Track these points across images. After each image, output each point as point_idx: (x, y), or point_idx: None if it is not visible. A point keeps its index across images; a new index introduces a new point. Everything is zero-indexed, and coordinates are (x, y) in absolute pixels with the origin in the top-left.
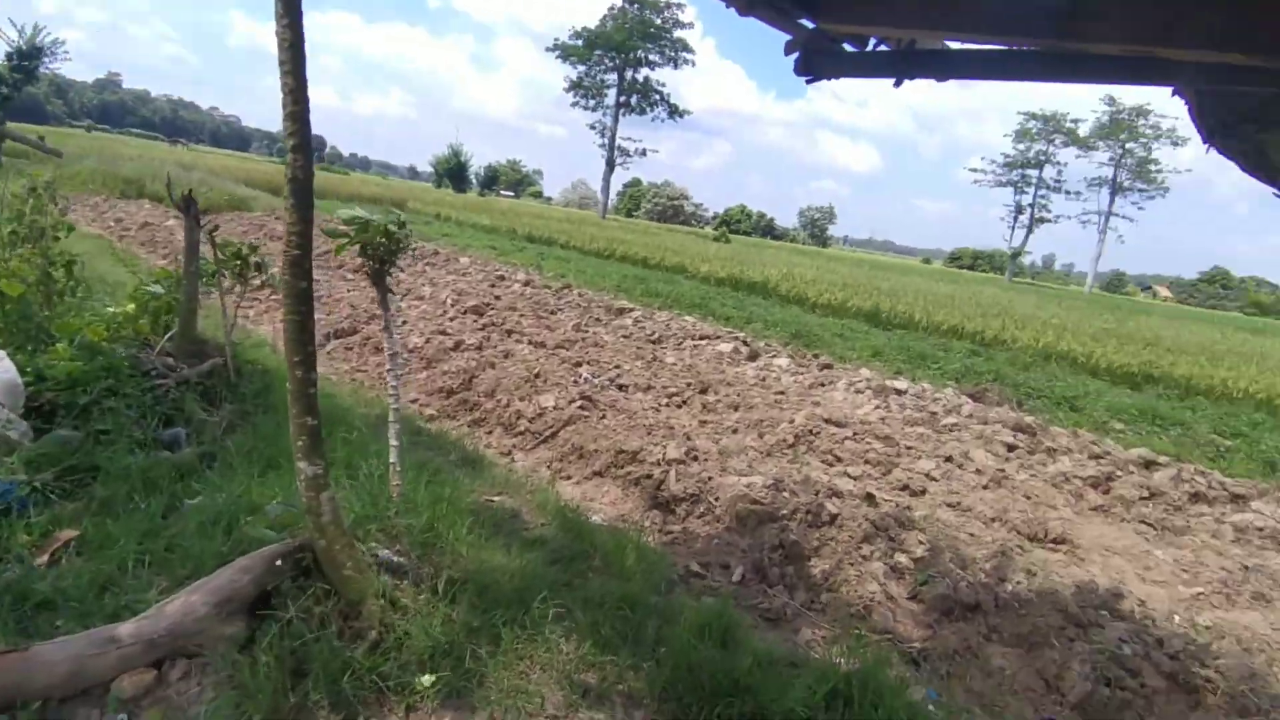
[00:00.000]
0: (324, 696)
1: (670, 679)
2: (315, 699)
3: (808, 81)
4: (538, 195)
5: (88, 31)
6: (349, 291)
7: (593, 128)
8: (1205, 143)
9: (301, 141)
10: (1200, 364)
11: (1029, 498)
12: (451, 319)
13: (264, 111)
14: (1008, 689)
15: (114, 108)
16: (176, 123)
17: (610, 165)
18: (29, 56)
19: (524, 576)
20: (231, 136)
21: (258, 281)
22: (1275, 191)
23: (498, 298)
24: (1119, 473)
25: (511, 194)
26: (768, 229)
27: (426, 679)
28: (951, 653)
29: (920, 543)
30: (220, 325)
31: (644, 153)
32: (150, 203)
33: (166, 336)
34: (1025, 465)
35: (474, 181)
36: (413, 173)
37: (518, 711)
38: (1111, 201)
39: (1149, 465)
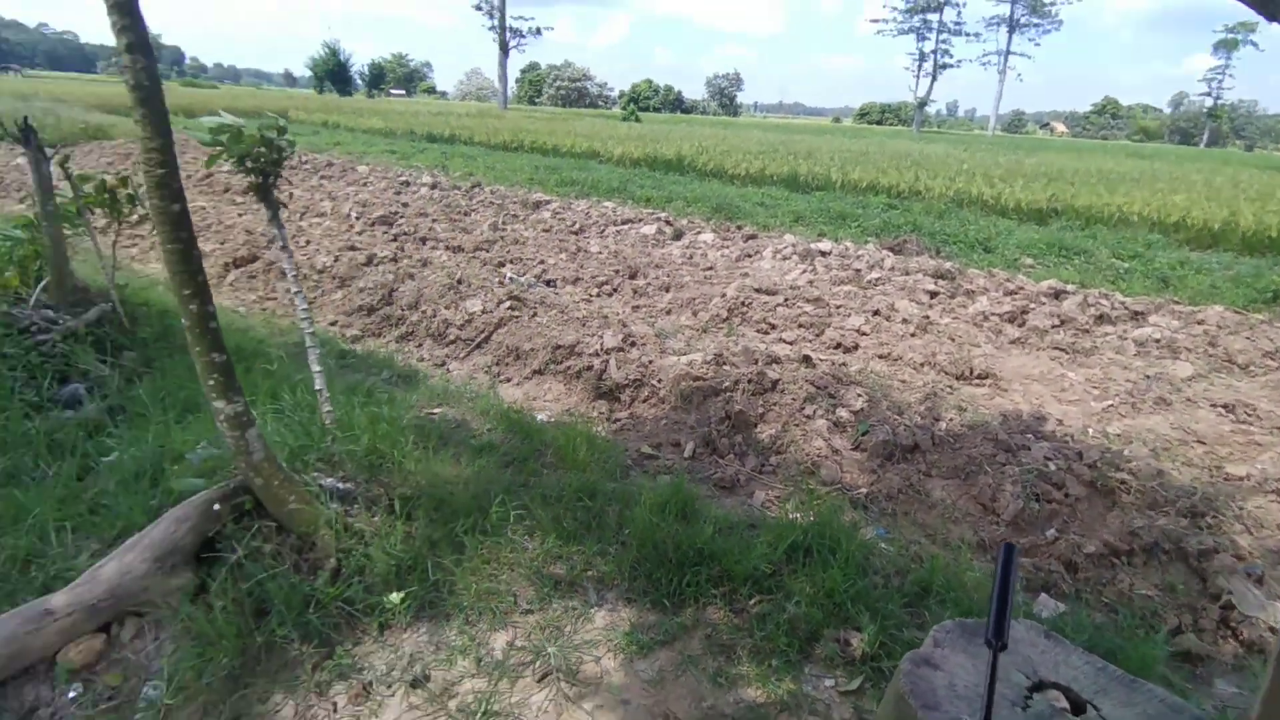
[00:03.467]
0: (291, 630)
1: (637, 558)
2: (283, 634)
3: None
4: (431, 90)
5: None
6: (240, 216)
7: (479, 8)
8: None
9: (137, 39)
10: (1098, 193)
11: (953, 339)
12: (359, 233)
13: (104, 25)
14: (949, 517)
15: None
16: (1, 46)
17: (504, 49)
18: None
19: (478, 483)
20: (71, 57)
21: (135, 216)
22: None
23: (405, 205)
24: (1032, 305)
25: (402, 92)
26: (676, 103)
27: (395, 596)
28: (896, 492)
29: (858, 396)
30: (99, 269)
31: (538, 31)
32: None
33: (39, 287)
34: (947, 309)
35: (359, 82)
36: (289, 79)
37: (492, 612)
38: (1010, 40)
39: (1058, 295)
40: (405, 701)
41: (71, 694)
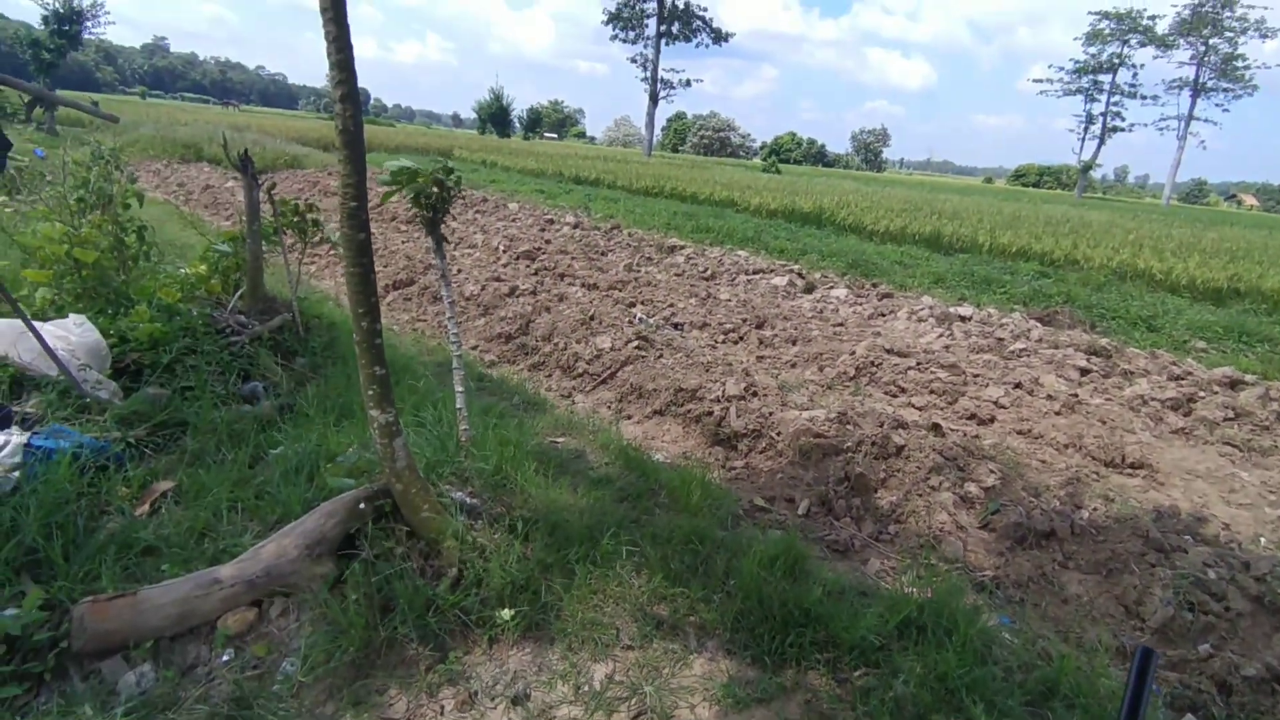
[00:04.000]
0: (411, 630)
1: (741, 610)
2: (403, 632)
3: None
4: (581, 135)
5: None
6: (403, 243)
7: (634, 60)
8: None
9: (349, 91)
10: None
11: (1104, 422)
12: (504, 265)
13: (308, 68)
14: (1085, 615)
15: (164, 72)
16: (225, 84)
17: (653, 99)
18: (69, 20)
19: (593, 514)
20: (279, 94)
21: (317, 238)
22: None
23: (548, 241)
24: (1201, 393)
25: (555, 135)
26: (819, 156)
27: (506, 613)
28: (1025, 580)
29: (990, 472)
30: (284, 282)
31: (688, 83)
32: (209, 165)
33: (236, 295)
34: (1100, 389)
35: (517, 125)
36: (456, 120)
37: (594, 643)
38: (1193, 104)
39: (1234, 384)
40: (506, 716)
41: (225, 658)
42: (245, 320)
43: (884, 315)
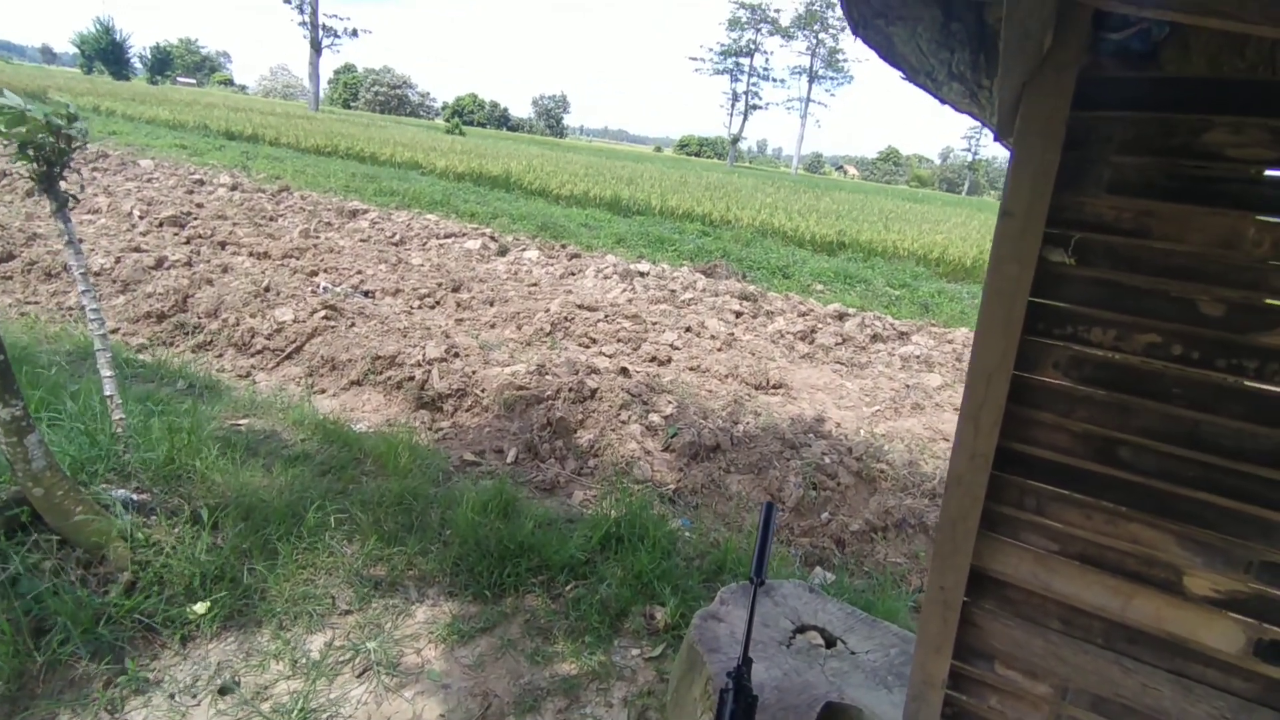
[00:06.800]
0: (79, 647)
1: (459, 554)
2: (68, 651)
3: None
4: (228, 83)
5: None
6: None
7: (288, 2)
8: (854, 34)
9: None
10: (877, 230)
11: (754, 354)
12: (144, 233)
13: None
14: (743, 506)
15: None
16: None
17: (315, 46)
18: None
19: (292, 491)
20: None
21: None
22: (903, 75)
23: (200, 205)
24: (820, 325)
25: (192, 81)
26: (503, 120)
27: (200, 606)
28: (699, 487)
29: (669, 403)
30: None
31: (354, 33)
32: None
33: None
34: (750, 328)
35: (139, 66)
36: (48, 54)
37: (308, 616)
38: (810, 89)
39: (841, 317)
40: (213, 709)
41: None
42: None
43: (574, 274)
